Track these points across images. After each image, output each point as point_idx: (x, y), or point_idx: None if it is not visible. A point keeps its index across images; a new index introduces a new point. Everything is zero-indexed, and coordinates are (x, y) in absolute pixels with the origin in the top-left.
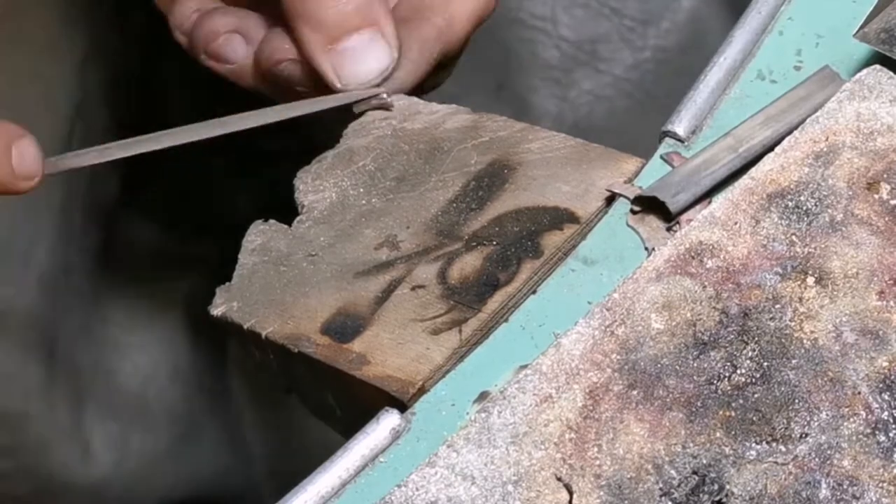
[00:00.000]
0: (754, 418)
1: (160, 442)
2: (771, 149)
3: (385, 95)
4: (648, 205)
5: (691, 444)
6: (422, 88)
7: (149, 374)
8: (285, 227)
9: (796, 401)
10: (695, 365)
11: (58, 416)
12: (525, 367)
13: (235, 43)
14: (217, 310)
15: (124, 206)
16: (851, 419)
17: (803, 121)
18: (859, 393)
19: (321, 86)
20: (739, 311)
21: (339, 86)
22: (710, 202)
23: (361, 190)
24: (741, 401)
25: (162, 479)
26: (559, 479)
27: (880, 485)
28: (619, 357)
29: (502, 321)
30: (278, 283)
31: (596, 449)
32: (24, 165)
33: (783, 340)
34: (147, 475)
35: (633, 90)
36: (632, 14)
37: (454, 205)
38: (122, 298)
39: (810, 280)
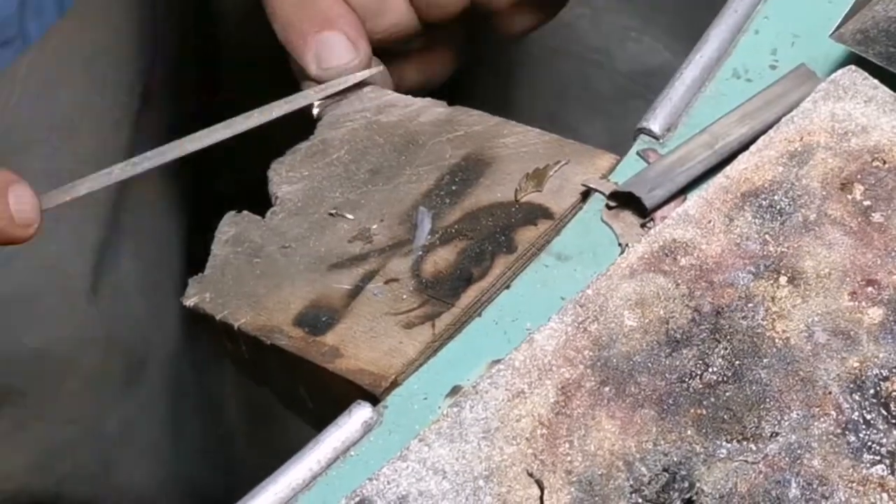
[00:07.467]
0: (725, 417)
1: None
2: (747, 146)
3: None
4: (623, 200)
5: (662, 442)
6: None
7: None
8: (259, 218)
9: (767, 400)
10: (667, 363)
11: None
12: (498, 361)
13: None
14: (189, 300)
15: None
16: (822, 419)
17: (779, 118)
18: (830, 393)
19: None
20: (712, 310)
21: (314, 68)
22: (685, 199)
23: (335, 182)
24: (712, 399)
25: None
26: (530, 475)
27: (850, 485)
28: (591, 353)
29: (475, 316)
30: (251, 275)
31: (567, 445)
32: (23, 212)
33: (755, 339)
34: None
35: None
36: (685, 49)
37: (428, 198)
38: None
39: (783, 279)
